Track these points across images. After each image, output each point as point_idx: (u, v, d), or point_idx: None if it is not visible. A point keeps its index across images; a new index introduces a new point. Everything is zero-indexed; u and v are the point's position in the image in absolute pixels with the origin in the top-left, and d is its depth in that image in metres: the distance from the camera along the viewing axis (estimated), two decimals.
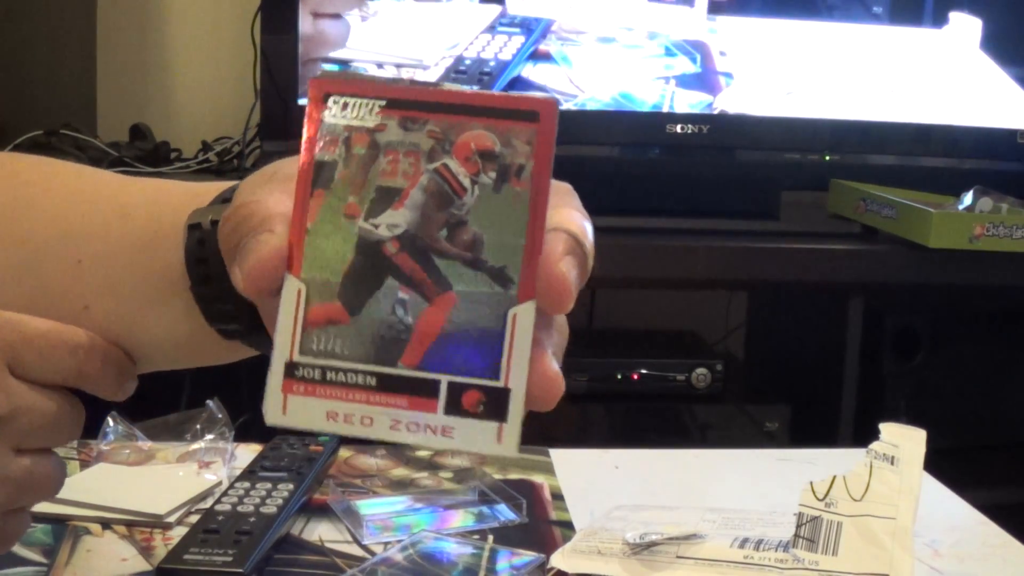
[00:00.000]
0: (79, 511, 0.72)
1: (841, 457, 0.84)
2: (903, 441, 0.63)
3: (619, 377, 1.68)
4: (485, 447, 0.40)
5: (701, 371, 1.67)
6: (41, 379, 0.48)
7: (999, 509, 0.80)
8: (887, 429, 0.63)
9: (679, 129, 1.73)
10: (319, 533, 0.72)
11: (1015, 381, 1.82)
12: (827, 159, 1.83)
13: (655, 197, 1.76)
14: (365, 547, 0.70)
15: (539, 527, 0.74)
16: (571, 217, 0.43)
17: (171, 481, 0.77)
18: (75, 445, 0.83)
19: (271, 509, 0.69)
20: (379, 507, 0.75)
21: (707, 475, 0.88)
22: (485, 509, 0.76)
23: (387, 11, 1.70)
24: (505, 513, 0.75)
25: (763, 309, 2.11)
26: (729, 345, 2.13)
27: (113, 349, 0.50)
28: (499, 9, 1.71)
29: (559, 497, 0.80)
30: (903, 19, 1.81)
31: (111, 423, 0.83)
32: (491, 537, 0.71)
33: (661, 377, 1.68)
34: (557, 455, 0.89)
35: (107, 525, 0.71)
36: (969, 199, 1.62)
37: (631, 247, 1.61)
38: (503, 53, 1.70)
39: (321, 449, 0.79)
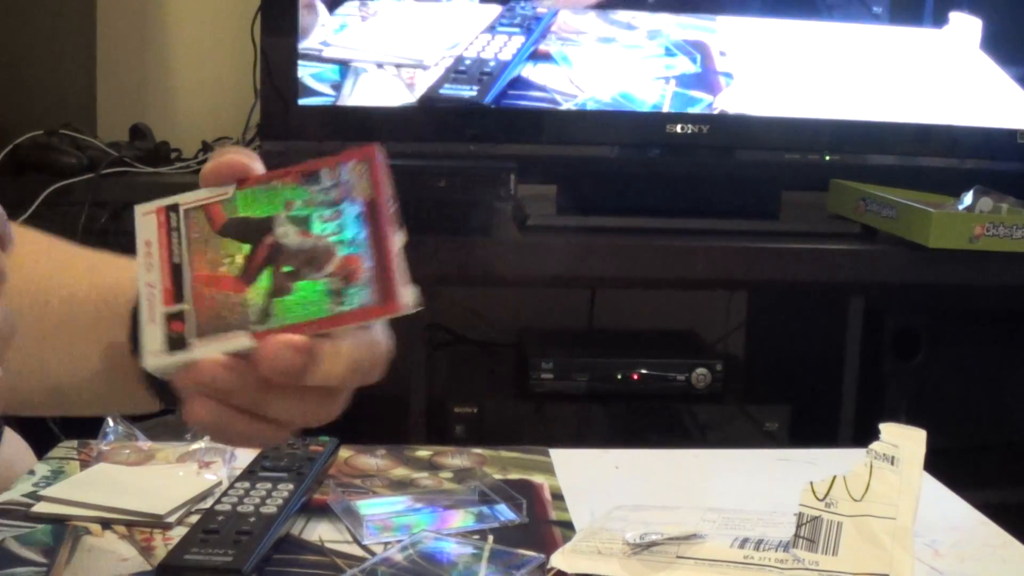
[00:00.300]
0: (79, 511, 0.72)
1: (841, 457, 0.84)
2: (903, 441, 0.63)
3: (619, 377, 1.68)
4: None
5: (701, 371, 1.67)
6: None
7: (999, 509, 0.80)
8: (887, 429, 0.63)
9: (679, 129, 1.73)
10: (319, 533, 0.72)
11: (1015, 381, 1.82)
12: (827, 159, 1.83)
13: (655, 197, 1.76)
14: (365, 547, 0.70)
15: (539, 527, 0.74)
16: None
17: (171, 481, 0.77)
18: (75, 445, 0.83)
19: (271, 509, 0.69)
20: (379, 507, 0.75)
21: (707, 475, 0.88)
22: (485, 509, 0.76)
23: (387, 11, 1.70)
24: (505, 513, 0.75)
25: (763, 309, 2.11)
26: (729, 345, 2.12)
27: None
28: (499, 9, 1.71)
29: (559, 497, 0.80)
30: (903, 19, 1.81)
31: (111, 423, 0.83)
32: (491, 537, 0.71)
33: (661, 377, 1.68)
34: (557, 455, 0.89)
35: (107, 525, 0.71)
36: (969, 199, 1.62)
37: (631, 247, 1.61)
38: (503, 53, 1.70)
39: (321, 449, 0.79)
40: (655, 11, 1.74)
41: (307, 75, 1.68)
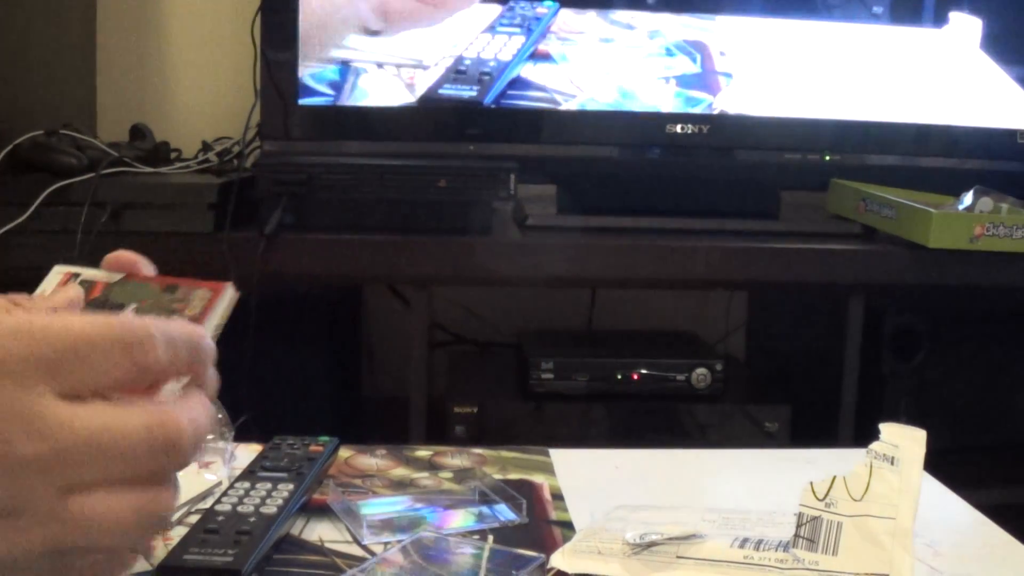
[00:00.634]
0: None
1: (841, 457, 0.84)
2: (903, 441, 0.63)
3: (619, 377, 1.68)
4: None
5: (701, 371, 1.67)
6: (98, 389, 0.43)
7: (999, 509, 0.80)
8: (887, 429, 0.63)
9: (679, 129, 1.73)
10: (319, 533, 0.72)
11: (1015, 381, 1.82)
12: (827, 159, 1.83)
13: (655, 197, 1.76)
14: (365, 547, 0.70)
15: (539, 527, 0.74)
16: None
17: None
18: None
19: (271, 509, 0.69)
20: (379, 507, 0.75)
21: (707, 475, 0.88)
22: (485, 509, 0.76)
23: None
24: (505, 513, 0.75)
25: (763, 309, 2.11)
26: (729, 345, 2.13)
27: (177, 324, 0.46)
28: (499, 9, 1.71)
29: (559, 497, 0.80)
30: (903, 19, 1.81)
31: None
32: (491, 537, 0.71)
33: (661, 377, 1.68)
34: (557, 455, 0.89)
35: None
36: (969, 199, 1.62)
37: (631, 247, 1.61)
38: (503, 53, 1.70)
39: (321, 449, 0.79)
40: (655, 11, 1.74)
41: (307, 75, 1.68)
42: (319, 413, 1.73)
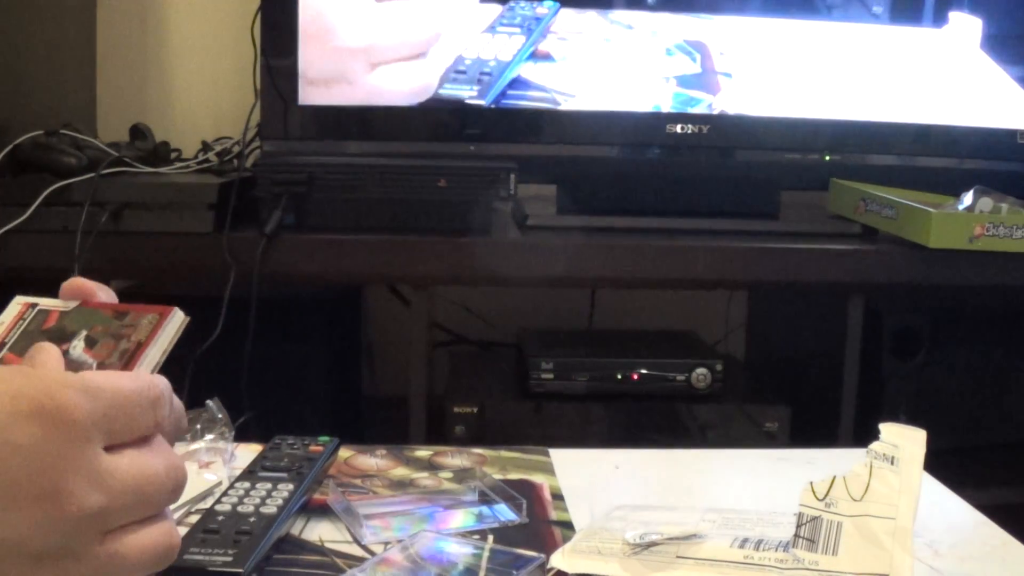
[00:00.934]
0: None
1: (841, 457, 0.84)
2: (903, 441, 0.63)
3: (619, 377, 1.68)
4: None
5: (701, 371, 1.67)
6: (126, 442, 0.47)
7: (999, 509, 0.80)
8: (887, 429, 0.63)
9: (679, 129, 1.73)
10: (319, 533, 0.72)
11: (1015, 381, 1.82)
12: (827, 159, 1.83)
13: (655, 197, 1.76)
14: (365, 547, 0.70)
15: (539, 527, 0.74)
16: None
17: None
18: None
19: (271, 509, 0.69)
20: (379, 507, 0.75)
21: (707, 475, 0.88)
22: (485, 509, 0.76)
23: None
24: (505, 513, 0.75)
25: (763, 309, 2.11)
26: (729, 345, 2.13)
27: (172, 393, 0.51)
28: (499, 9, 1.71)
29: (559, 497, 0.80)
30: (903, 19, 1.81)
31: None
32: (491, 537, 0.71)
33: (661, 377, 1.68)
34: (557, 455, 0.89)
35: None
36: (969, 199, 1.62)
37: (631, 247, 1.61)
38: (503, 53, 1.70)
39: (321, 449, 0.79)
40: (655, 11, 1.74)
41: (307, 75, 1.68)
42: (319, 413, 1.73)
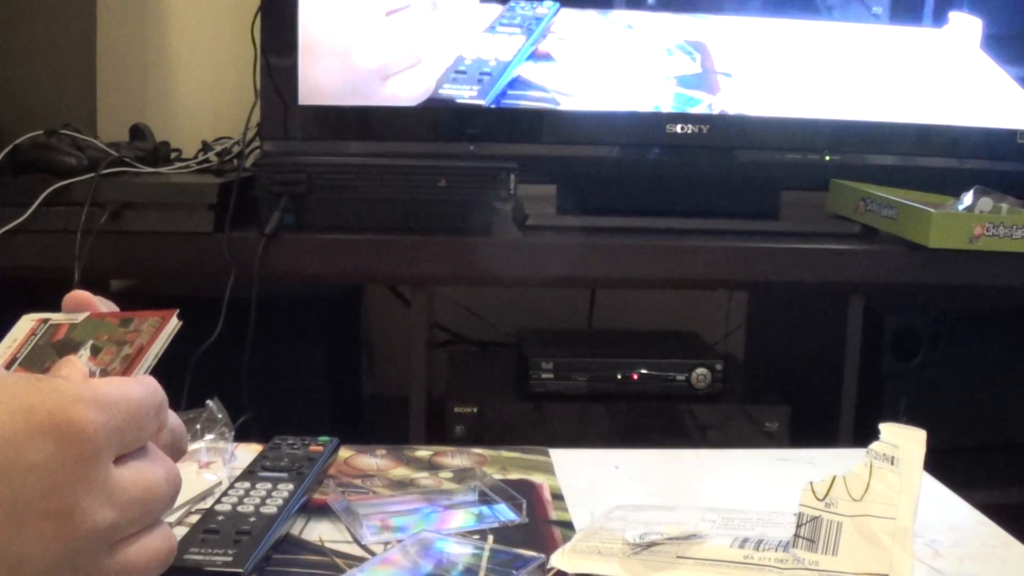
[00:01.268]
0: None
1: (841, 457, 0.84)
2: (903, 441, 0.63)
3: (619, 377, 1.68)
4: None
5: (701, 371, 1.67)
6: (131, 450, 0.47)
7: (999, 509, 0.80)
8: (887, 429, 0.63)
9: (679, 129, 1.73)
10: (319, 533, 0.72)
11: (1015, 381, 1.82)
12: (827, 159, 1.83)
13: (655, 197, 1.76)
14: (365, 547, 0.70)
15: (539, 527, 0.74)
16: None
17: None
18: None
19: (271, 509, 0.69)
20: (379, 507, 0.75)
21: (707, 475, 0.88)
22: (485, 509, 0.76)
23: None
24: (505, 513, 0.75)
25: (763, 309, 2.11)
26: (729, 345, 2.13)
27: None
28: (499, 9, 1.71)
29: (559, 497, 0.80)
30: (903, 19, 1.81)
31: None
32: (491, 537, 0.71)
33: (661, 377, 1.68)
34: (557, 455, 0.89)
35: None
36: (969, 199, 1.62)
37: (631, 247, 1.61)
38: (503, 53, 1.70)
39: (321, 449, 0.79)
40: (655, 11, 1.74)
41: (307, 75, 1.68)
42: (319, 413, 1.73)
